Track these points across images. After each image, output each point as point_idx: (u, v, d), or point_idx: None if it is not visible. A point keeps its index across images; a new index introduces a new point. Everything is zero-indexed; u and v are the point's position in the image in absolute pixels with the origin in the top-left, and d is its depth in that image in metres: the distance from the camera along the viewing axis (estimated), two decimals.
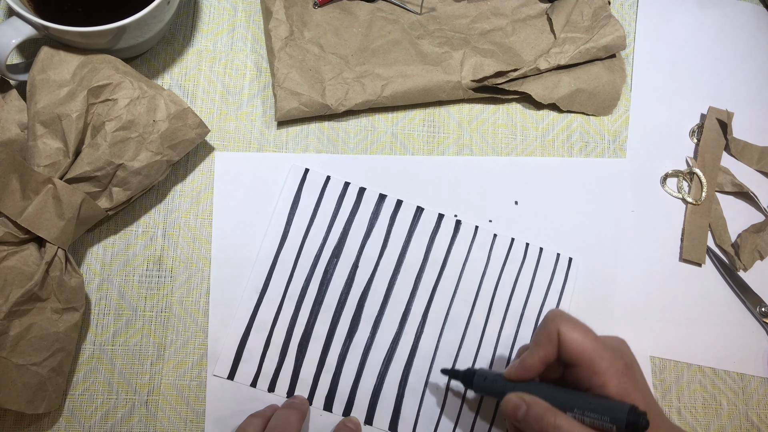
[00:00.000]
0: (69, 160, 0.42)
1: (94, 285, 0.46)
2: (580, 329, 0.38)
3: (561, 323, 0.38)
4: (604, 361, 0.37)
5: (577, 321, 0.39)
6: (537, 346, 0.39)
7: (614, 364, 0.37)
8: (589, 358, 0.37)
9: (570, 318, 0.39)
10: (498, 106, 0.53)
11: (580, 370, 0.38)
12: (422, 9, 0.53)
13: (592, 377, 0.37)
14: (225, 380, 0.45)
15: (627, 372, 0.37)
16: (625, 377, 0.37)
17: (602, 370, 0.37)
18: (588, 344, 0.37)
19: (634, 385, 0.37)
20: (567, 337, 0.38)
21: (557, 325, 0.38)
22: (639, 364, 0.39)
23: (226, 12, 0.52)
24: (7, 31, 0.41)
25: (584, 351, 0.37)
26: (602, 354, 0.37)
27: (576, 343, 0.37)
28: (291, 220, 0.48)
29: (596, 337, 0.38)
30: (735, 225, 0.53)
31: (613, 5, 0.58)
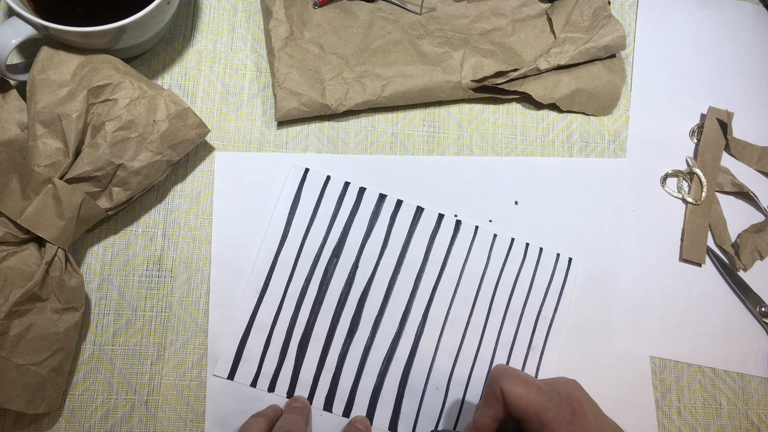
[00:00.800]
0: (69, 160, 0.42)
1: (94, 285, 0.46)
2: (521, 384, 0.38)
3: (503, 381, 0.39)
4: (550, 412, 0.37)
5: (520, 375, 0.39)
6: (486, 406, 0.40)
7: (560, 413, 0.37)
8: (535, 412, 0.37)
9: (512, 373, 0.39)
10: (498, 106, 0.53)
11: (529, 424, 0.38)
12: (422, 9, 0.53)
13: (542, 429, 0.37)
14: (225, 380, 0.45)
15: (575, 419, 0.37)
16: (573, 425, 0.37)
17: (549, 422, 0.37)
18: (531, 397, 0.38)
19: (585, 429, 0.37)
20: (510, 394, 0.38)
21: (500, 382, 0.39)
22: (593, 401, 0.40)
23: (226, 12, 0.52)
24: (7, 31, 0.41)
25: (529, 405, 0.38)
26: (547, 405, 0.38)
27: (519, 399, 0.38)
28: (291, 220, 0.48)
29: (540, 387, 0.38)
30: (735, 225, 0.53)
31: (613, 5, 0.58)
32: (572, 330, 0.49)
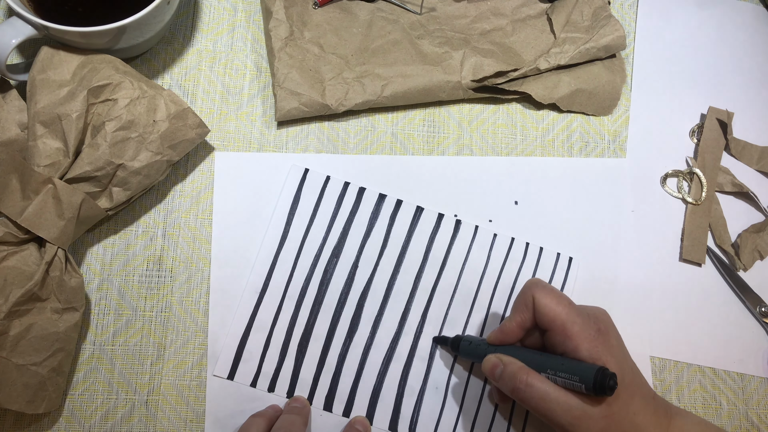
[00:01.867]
0: (69, 160, 0.42)
1: (94, 285, 0.46)
2: (553, 296, 0.40)
3: (536, 290, 0.41)
4: (576, 325, 0.39)
5: (552, 288, 0.41)
6: (515, 312, 0.42)
7: (586, 329, 0.39)
8: (562, 323, 0.39)
9: (545, 286, 0.41)
10: (498, 106, 0.53)
11: (554, 335, 0.40)
12: (422, 9, 0.53)
13: (565, 341, 0.39)
14: (225, 380, 0.45)
15: (599, 337, 0.39)
16: (596, 342, 0.39)
17: (574, 335, 0.39)
18: (561, 310, 0.39)
19: (607, 349, 0.39)
20: (541, 303, 0.40)
21: (533, 292, 0.41)
22: (619, 333, 0.41)
23: (226, 12, 0.52)
24: (7, 31, 0.41)
25: (557, 316, 0.39)
26: (574, 319, 0.39)
27: (549, 309, 0.40)
28: (291, 220, 0.48)
29: (570, 303, 0.40)
30: (735, 225, 0.53)
31: (613, 5, 0.58)
32: None
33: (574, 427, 0.38)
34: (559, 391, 0.38)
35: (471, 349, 0.44)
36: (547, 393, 0.38)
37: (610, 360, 0.38)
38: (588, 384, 0.36)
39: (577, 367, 0.37)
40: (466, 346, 0.45)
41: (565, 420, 0.38)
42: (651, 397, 0.40)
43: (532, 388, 0.38)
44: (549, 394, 0.38)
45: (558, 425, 0.38)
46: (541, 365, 0.39)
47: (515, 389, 0.39)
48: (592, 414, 0.37)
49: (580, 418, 0.37)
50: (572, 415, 0.37)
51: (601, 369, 0.36)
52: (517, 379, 0.39)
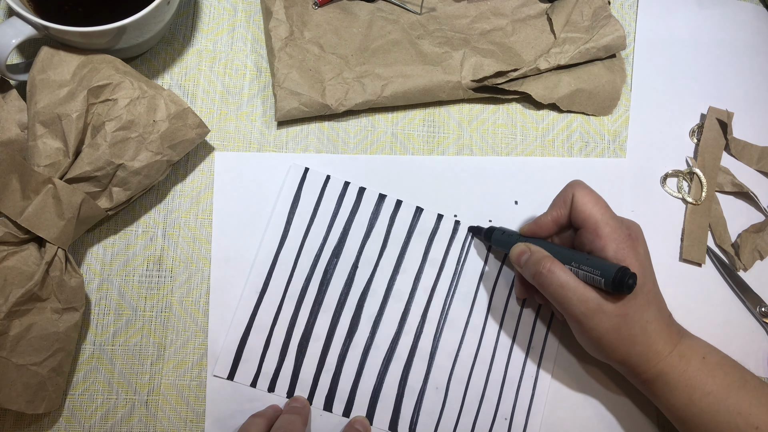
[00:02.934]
0: (69, 160, 0.42)
1: (94, 285, 0.46)
2: (592, 197, 0.42)
3: (577, 188, 0.42)
4: (608, 227, 0.40)
5: (593, 191, 0.42)
6: (552, 208, 0.44)
7: (617, 231, 0.40)
8: (595, 222, 0.41)
9: (586, 187, 0.43)
10: (498, 106, 0.53)
11: (585, 233, 0.41)
12: (422, 9, 0.53)
13: (595, 240, 0.40)
14: (225, 380, 0.45)
15: (628, 241, 0.40)
16: (624, 245, 0.40)
17: (604, 235, 0.40)
18: (596, 210, 0.41)
19: (633, 253, 0.40)
20: (579, 200, 0.42)
21: (573, 189, 0.42)
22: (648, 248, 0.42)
23: (226, 12, 0.52)
24: (7, 31, 0.41)
25: (591, 215, 0.41)
26: (608, 221, 0.41)
27: (585, 207, 0.41)
28: (291, 220, 0.48)
29: (607, 207, 0.41)
30: (735, 225, 0.53)
31: (613, 5, 0.58)
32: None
33: (587, 318, 0.39)
34: (579, 283, 0.39)
35: (504, 238, 0.46)
36: (567, 281, 0.39)
37: (634, 264, 0.39)
38: (608, 279, 0.38)
39: (601, 263, 0.39)
40: (498, 236, 0.47)
41: (579, 310, 0.39)
42: (667, 315, 0.42)
43: (553, 274, 0.40)
44: (568, 283, 0.39)
45: (572, 315, 0.40)
46: (567, 258, 0.41)
47: (537, 273, 0.41)
48: (606, 309, 0.39)
49: (594, 311, 0.39)
50: (587, 306, 0.39)
51: (623, 267, 0.38)
52: (540, 264, 0.40)
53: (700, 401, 0.40)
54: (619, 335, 0.40)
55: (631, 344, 0.40)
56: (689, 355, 0.41)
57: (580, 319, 0.40)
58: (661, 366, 0.41)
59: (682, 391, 0.41)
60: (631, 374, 0.43)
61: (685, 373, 0.41)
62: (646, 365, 0.41)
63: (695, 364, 0.41)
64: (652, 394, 0.42)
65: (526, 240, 0.45)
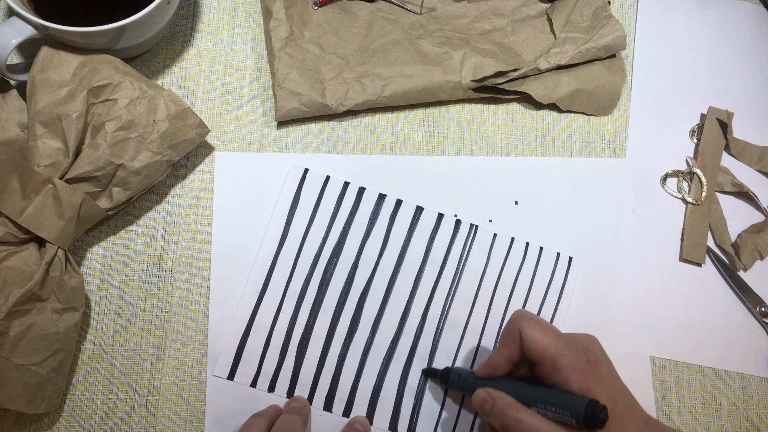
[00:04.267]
0: (69, 160, 0.42)
1: (94, 285, 0.46)
2: (540, 328, 0.40)
3: (522, 323, 0.40)
4: (565, 358, 0.38)
5: (540, 320, 0.40)
6: (502, 346, 0.41)
7: (575, 360, 0.38)
8: (550, 356, 0.39)
9: (532, 318, 0.41)
10: (498, 106, 0.53)
11: (543, 368, 0.39)
12: (422, 9, 0.53)
13: (555, 374, 0.38)
14: (225, 380, 0.45)
15: (589, 369, 0.38)
16: (586, 374, 0.38)
17: (563, 367, 0.38)
18: (549, 342, 0.39)
19: (597, 380, 0.38)
20: (528, 336, 0.39)
21: (519, 324, 0.40)
22: (609, 360, 0.40)
23: (226, 12, 0.52)
24: (7, 31, 0.41)
25: (545, 349, 0.39)
26: (563, 351, 0.39)
27: (536, 342, 0.39)
28: (291, 220, 0.48)
29: (558, 335, 0.40)
30: (735, 225, 0.53)
31: (613, 5, 0.58)
32: (572, 330, 0.49)
33: None
34: (550, 425, 0.37)
35: (461, 382, 0.44)
36: (538, 428, 0.37)
37: (600, 391, 0.37)
38: (579, 418, 0.36)
39: (568, 400, 0.37)
40: (455, 380, 0.44)
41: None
42: (644, 422, 0.40)
43: (521, 423, 0.37)
44: (539, 429, 0.37)
45: None
46: (531, 399, 0.38)
47: (505, 425, 0.38)
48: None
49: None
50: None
51: (591, 402, 0.36)
52: (506, 415, 0.38)
53: None
54: None
55: None
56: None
57: None
58: None
59: None
60: None
61: None
62: None
63: None
64: None
65: (485, 382, 0.42)
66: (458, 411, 0.46)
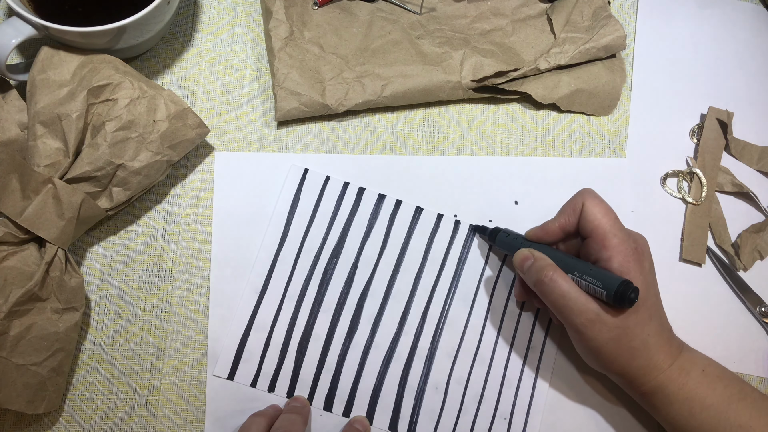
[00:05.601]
0: (69, 160, 0.42)
1: (94, 285, 0.46)
2: (603, 207, 0.41)
3: (587, 197, 0.42)
4: (616, 238, 0.40)
5: (603, 201, 0.42)
6: (561, 214, 0.44)
7: (624, 244, 0.40)
8: (603, 232, 0.40)
9: (597, 196, 0.42)
10: (498, 106, 0.53)
11: (592, 242, 0.41)
12: (422, 9, 0.53)
13: (601, 250, 0.40)
14: (225, 380, 0.45)
15: (634, 255, 0.40)
16: (630, 258, 0.40)
17: (611, 246, 0.40)
18: (605, 221, 0.41)
19: (638, 266, 0.40)
20: (589, 210, 0.41)
21: (584, 198, 0.42)
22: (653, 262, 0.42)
23: (226, 12, 0.52)
24: (7, 31, 0.41)
25: (600, 225, 0.41)
26: (616, 233, 0.40)
27: (595, 217, 0.41)
28: (291, 220, 0.48)
29: (616, 219, 0.41)
30: (735, 225, 0.53)
31: (613, 5, 0.58)
32: None
33: (586, 328, 0.39)
34: (580, 293, 0.39)
35: (508, 240, 0.46)
36: (569, 291, 0.39)
37: (638, 277, 0.39)
38: (610, 291, 0.37)
39: (604, 275, 0.38)
40: (503, 238, 0.46)
41: (578, 320, 0.39)
42: (668, 329, 0.42)
43: (555, 283, 0.40)
44: (570, 293, 0.39)
45: (571, 324, 0.40)
46: (570, 267, 0.40)
47: (539, 281, 0.40)
48: (606, 320, 0.39)
49: (593, 321, 0.39)
50: (587, 317, 0.39)
51: (626, 281, 0.37)
52: (542, 273, 0.40)
53: (699, 414, 0.40)
54: (618, 347, 0.39)
55: (630, 357, 0.40)
56: (689, 368, 0.41)
57: (579, 329, 0.39)
58: (660, 379, 0.41)
59: (681, 404, 0.40)
60: (630, 386, 0.42)
61: (685, 386, 0.40)
62: (645, 378, 0.41)
63: (695, 376, 0.41)
64: (652, 406, 0.42)
65: (531, 245, 0.44)
66: (458, 410, 0.46)
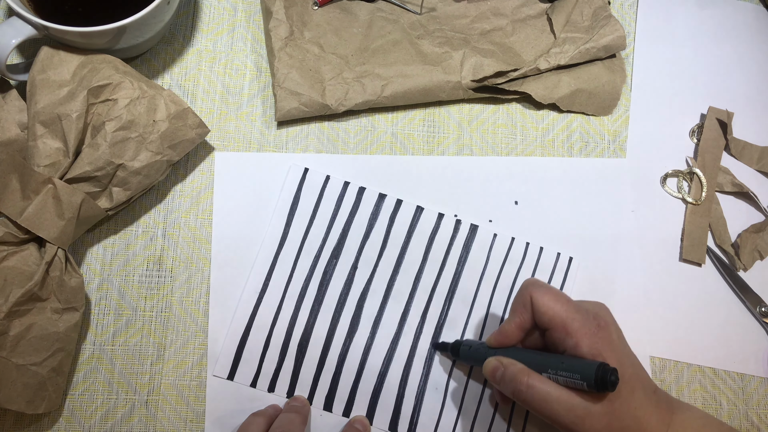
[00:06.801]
0: (69, 160, 0.42)
1: (94, 285, 0.46)
2: (551, 294, 0.40)
3: (534, 290, 0.40)
4: (576, 322, 0.39)
5: (550, 287, 0.41)
6: (513, 314, 0.42)
7: (585, 325, 0.39)
8: (561, 320, 0.39)
9: (543, 284, 0.41)
10: (498, 106, 0.53)
11: (554, 333, 0.39)
12: (422, 9, 0.53)
13: (566, 339, 0.39)
14: (225, 380, 0.45)
15: (599, 333, 0.38)
16: (596, 338, 0.38)
17: (573, 332, 0.38)
18: (560, 308, 0.39)
19: (608, 344, 0.38)
20: (539, 301, 0.40)
21: (530, 291, 0.40)
22: (619, 327, 0.40)
23: (226, 12, 0.52)
24: (7, 31, 0.41)
25: (556, 314, 0.39)
26: (574, 316, 0.39)
27: (547, 307, 0.39)
28: (291, 220, 0.48)
29: (568, 300, 0.40)
30: (735, 225, 0.53)
31: (613, 5, 0.58)
32: None
33: (577, 426, 0.37)
34: (561, 391, 0.37)
35: (471, 353, 0.44)
36: (549, 393, 0.37)
37: (610, 355, 0.38)
38: (589, 381, 0.36)
39: (578, 364, 0.37)
40: (466, 351, 0.44)
41: (568, 420, 0.37)
42: (652, 391, 0.40)
43: (533, 389, 0.38)
44: (550, 395, 0.37)
45: (561, 425, 0.38)
46: (542, 365, 0.39)
47: (516, 391, 0.39)
48: (594, 412, 0.37)
49: (582, 417, 0.37)
50: (575, 414, 0.37)
51: (602, 365, 0.36)
52: (517, 380, 0.38)
53: None
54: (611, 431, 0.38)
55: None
56: None
57: (570, 427, 0.38)
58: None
59: None
60: None
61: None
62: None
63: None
64: None
65: (496, 351, 0.42)
66: (458, 410, 0.46)
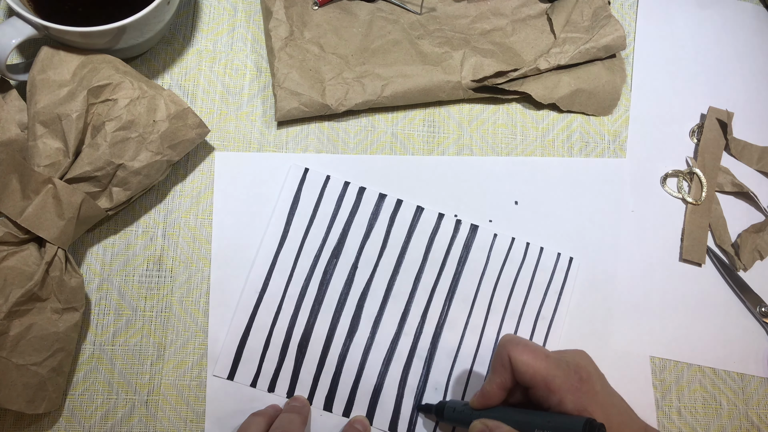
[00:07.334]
0: (69, 160, 0.42)
1: (94, 285, 0.46)
2: (529, 351, 0.39)
3: (511, 348, 0.40)
4: (557, 378, 0.38)
5: (528, 343, 0.40)
6: (493, 374, 0.41)
7: (567, 380, 0.38)
8: (542, 378, 0.38)
9: (520, 341, 0.40)
10: (498, 106, 0.53)
11: (536, 391, 0.39)
12: (422, 9, 0.53)
13: (549, 396, 0.38)
14: (225, 380, 0.45)
15: (582, 386, 0.38)
16: (580, 392, 0.38)
17: (556, 388, 0.38)
18: (539, 365, 0.38)
19: (592, 397, 0.38)
20: (518, 360, 0.39)
21: (508, 350, 0.40)
22: (602, 373, 0.40)
23: (226, 12, 0.52)
24: (7, 31, 0.41)
25: (536, 372, 0.38)
26: (555, 372, 0.38)
27: (527, 366, 0.39)
28: (291, 220, 0.48)
29: (548, 355, 0.39)
30: (735, 225, 0.53)
31: (613, 5, 0.58)
32: (572, 330, 0.49)
33: None
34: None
35: (456, 415, 0.43)
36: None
37: (596, 409, 0.37)
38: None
39: (564, 421, 0.37)
40: (450, 414, 0.43)
41: None
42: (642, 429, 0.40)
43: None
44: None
45: None
46: (528, 425, 0.38)
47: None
48: None
49: None
50: None
51: (589, 421, 0.36)
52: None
53: None
54: None
55: None
56: None
57: None
58: None
59: None
60: None
61: None
62: None
63: None
64: None
65: (480, 413, 0.41)
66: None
